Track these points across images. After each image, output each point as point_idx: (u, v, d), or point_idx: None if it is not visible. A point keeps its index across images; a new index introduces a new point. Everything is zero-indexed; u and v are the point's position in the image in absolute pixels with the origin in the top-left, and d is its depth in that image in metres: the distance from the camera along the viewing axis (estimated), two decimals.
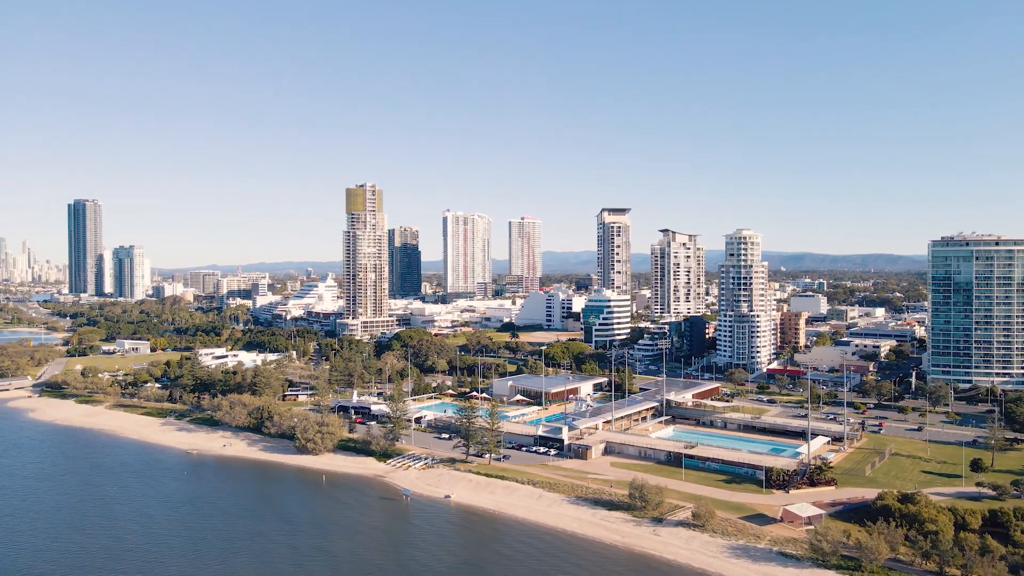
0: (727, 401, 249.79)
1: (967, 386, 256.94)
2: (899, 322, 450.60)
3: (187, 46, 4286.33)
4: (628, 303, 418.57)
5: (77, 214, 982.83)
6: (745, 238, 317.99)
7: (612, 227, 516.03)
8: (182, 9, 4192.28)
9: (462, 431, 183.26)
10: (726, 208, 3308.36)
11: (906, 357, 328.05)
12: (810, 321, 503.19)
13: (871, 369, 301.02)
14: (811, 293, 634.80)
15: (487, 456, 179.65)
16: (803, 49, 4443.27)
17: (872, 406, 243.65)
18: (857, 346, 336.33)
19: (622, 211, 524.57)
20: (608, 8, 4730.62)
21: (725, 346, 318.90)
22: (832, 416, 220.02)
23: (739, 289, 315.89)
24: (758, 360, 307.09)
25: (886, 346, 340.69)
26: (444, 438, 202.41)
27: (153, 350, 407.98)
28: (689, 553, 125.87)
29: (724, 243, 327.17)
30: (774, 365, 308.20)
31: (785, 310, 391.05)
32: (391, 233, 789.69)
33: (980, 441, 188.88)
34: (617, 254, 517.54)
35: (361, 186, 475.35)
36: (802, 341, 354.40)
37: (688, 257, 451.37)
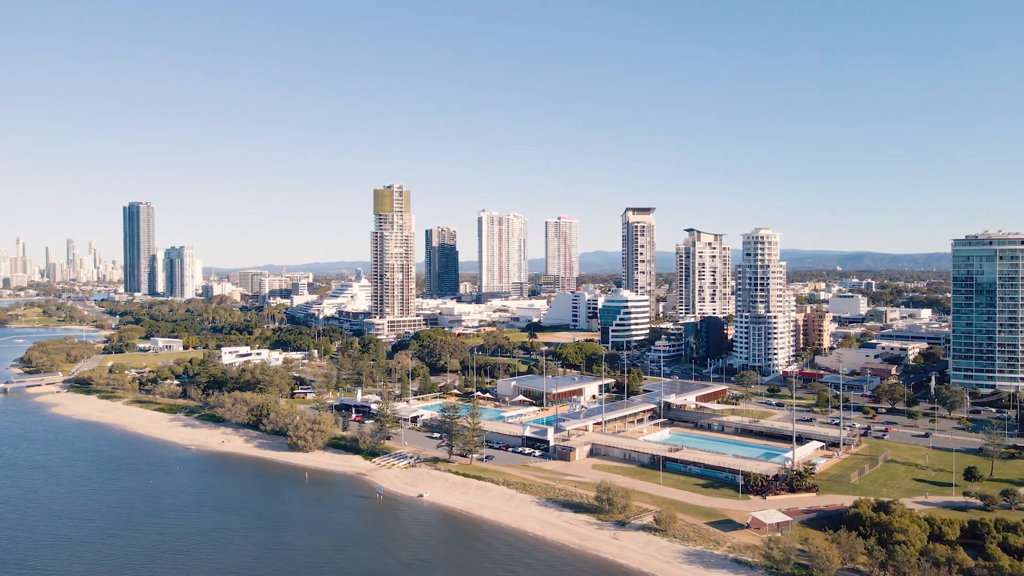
0: (733, 404, 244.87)
1: (989, 391, 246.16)
2: (943, 323, 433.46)
3: (236, 53, 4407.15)
4: (647, 303, 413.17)
5: (132, 216, 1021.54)
6: (762, 237, 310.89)
7: (636, 226, 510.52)
8: (224, 15, 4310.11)
9: (445, 430, 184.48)
10: (780, 207, 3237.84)
11: (937, 360, 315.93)
12: (846, 322, 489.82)
13: (893, 372, 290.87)
14: (851, 293, 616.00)
15: (471, 456, 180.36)
16: (857, 52, 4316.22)
17: (884, 411, 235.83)
18: (884, 348, 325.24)
19: (646, 210, 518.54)
20: (638, 15, 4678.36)
21: (741, 348, 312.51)
22: (837, 421, 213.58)
23: (756, 290, 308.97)
24: (775, 362, 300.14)
25: (915, 349, 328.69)
26: (435, 437, 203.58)
27: (185, 348, 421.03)
28: (642, 558, 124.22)
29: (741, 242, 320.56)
30: (792, 367, 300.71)
31: (809, 311, 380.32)
32: (428, 233, 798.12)
33: (987, 449, 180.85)
34: (641, 254, 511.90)
35: (388, 187, 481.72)
36: (826, 343, 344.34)
37: (714, 257, 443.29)
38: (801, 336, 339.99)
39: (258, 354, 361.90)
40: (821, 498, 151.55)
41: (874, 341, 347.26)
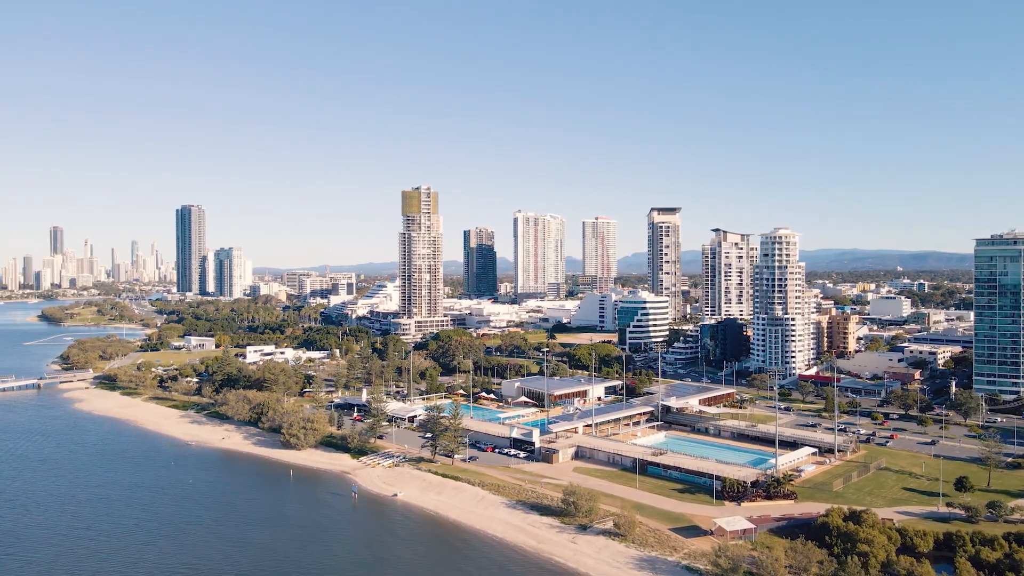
0: (738, 408, 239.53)
1: (1012, 397, 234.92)
2: None
3: (282, 61, 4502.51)
4: (666, 305, 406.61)
5: (184, 219, 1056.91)
6: (780, 238, 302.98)
7: (661, 227, 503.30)
8: (264, 26, 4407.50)
9: (429, 430, 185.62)
10: (841, 208, 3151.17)
11: (968, 364, 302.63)
12: (886, 324, 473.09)
13: (917, 377, 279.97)
14: (894, 295, 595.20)
15: (454, 456, 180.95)
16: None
17: (896, 416, 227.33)
18: (911, 352, 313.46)
19: (672, 210, 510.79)
20: (672, 21, 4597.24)
21: (758, 350, 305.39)
22: (842, 426, 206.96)
23: (773, 291, 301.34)
24: (792, 365, 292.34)
25: (946, 352, 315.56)
26: (427, 437, 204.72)
27: (217, 347, 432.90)
28: (594, 563, 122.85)
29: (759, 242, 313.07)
30: (811, 371, 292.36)
31: (834, 312, 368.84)
32: (466, 234, 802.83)
33: (986, 458, 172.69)
34: (666, 255, 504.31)
35: (416, 188, 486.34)
36: (851, 346, 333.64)
37: (740, 257, 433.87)
38: (825, 339, 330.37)
39: (282, 353, 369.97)
40: (797, 506, 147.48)
41: (903, 344, 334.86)
